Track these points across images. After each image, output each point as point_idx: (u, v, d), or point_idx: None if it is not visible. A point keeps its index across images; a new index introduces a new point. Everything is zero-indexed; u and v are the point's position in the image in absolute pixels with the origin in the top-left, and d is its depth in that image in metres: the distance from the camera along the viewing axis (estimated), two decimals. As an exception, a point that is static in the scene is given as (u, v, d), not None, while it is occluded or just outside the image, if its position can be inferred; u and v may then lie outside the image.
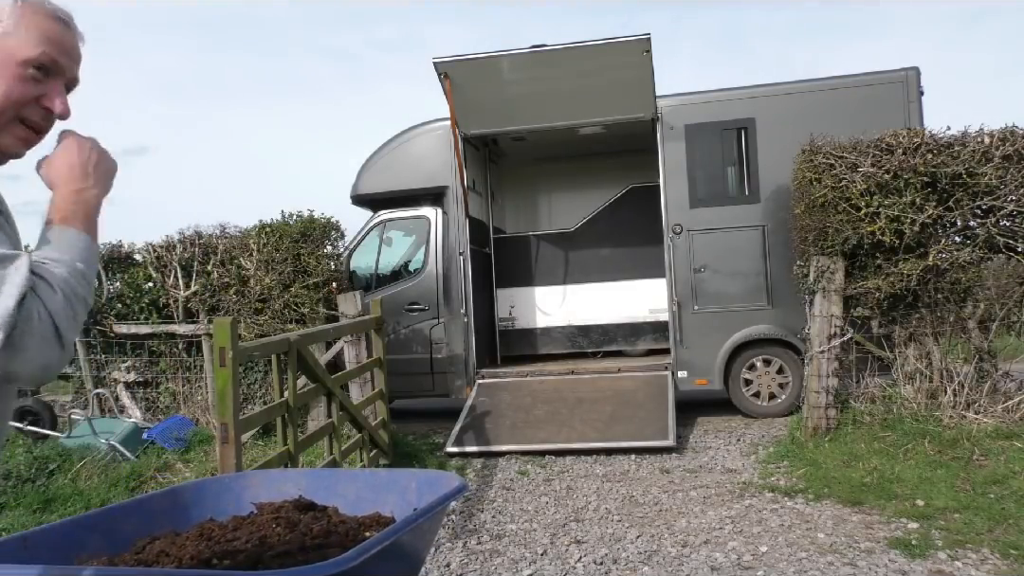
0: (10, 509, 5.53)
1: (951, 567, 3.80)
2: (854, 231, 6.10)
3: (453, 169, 8.09)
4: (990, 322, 6.20)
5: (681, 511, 4.98)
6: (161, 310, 7.86)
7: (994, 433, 5.53)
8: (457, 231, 8.21)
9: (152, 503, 2.32)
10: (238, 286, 7.55)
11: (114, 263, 8.11)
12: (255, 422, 4.96)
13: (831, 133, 6.47)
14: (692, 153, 7.65)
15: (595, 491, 5.55)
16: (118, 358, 7.87)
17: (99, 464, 6.36)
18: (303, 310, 7.42)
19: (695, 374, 7.58)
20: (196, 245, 7.81)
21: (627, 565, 4.11)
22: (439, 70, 7.30)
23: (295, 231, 7.63)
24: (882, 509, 4.68)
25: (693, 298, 7.62)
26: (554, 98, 7.69)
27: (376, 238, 8.63)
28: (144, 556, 1.97)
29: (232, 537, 2.05)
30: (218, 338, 3.98)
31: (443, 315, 8.24)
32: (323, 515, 2.27)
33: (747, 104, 7.57)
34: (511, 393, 7.68)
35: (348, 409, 5.59)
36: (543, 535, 4.67)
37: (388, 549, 1.76)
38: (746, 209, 7.57)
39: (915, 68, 7.26)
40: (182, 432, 7.00)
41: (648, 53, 6.97)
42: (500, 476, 6.12)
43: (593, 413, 7.03)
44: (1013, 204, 5.88)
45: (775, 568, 3.92)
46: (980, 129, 6.05)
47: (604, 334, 9.10)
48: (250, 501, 2.42)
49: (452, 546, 4.54)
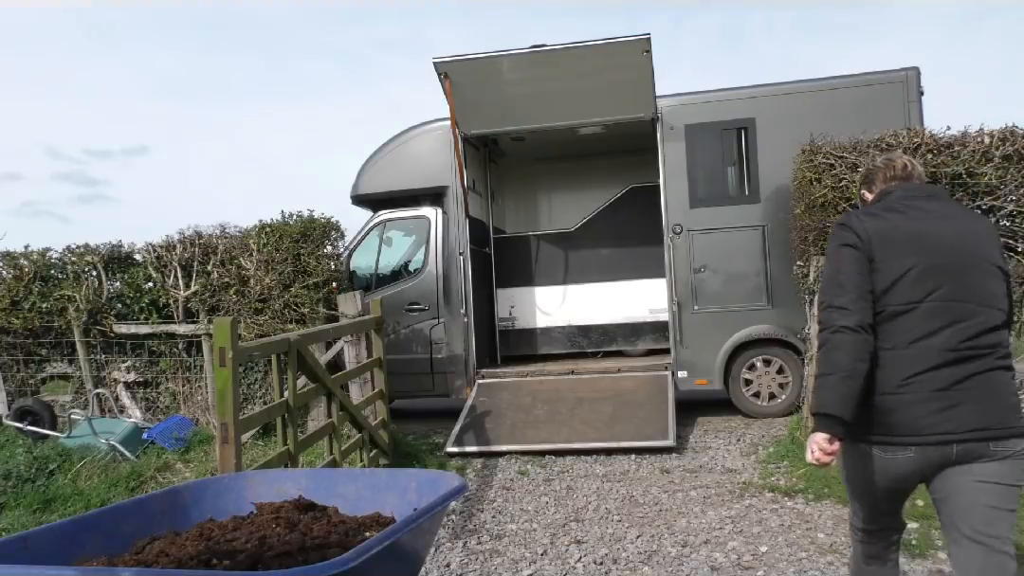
0: (10, 509, 5.53)
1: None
2: (854, 231, 6.08)
3: (453, 169, 8.09)
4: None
5: (681, 511, 4.98)
6: (161, 310, 7.85)
7: (994, 433, 5.53)
8: (457, 231, 8.21)
9: (152, 503, 2.32)
10: (238, 286, 7.55)
11: (114, 263, 8.10)
12: (255, 422, 4.96)
13: (831, 133, 6.47)
14: (692, 153, 7.65)
15: (595, 491, 5.55)
16: (118, 358, 7.86)
17: (99, 464, 6.36)
18: (303, 310, 7.42)
19: (695, 374, 7.57)
20: (196, 245, 7.81)
21: (627, 565, 4.11)
22: (439, 70, 7.30)
23: (295, 231, 7.63)
24: (882, 509, 4.68)
25: (693, 298, 7.62)
26: (554, 98, 7.69)
27: (376, 238, 8.63)
28: (144, 556, 1.97)
29: (232, 537, 2.05)
30: (218, 338, 3.98)
31: (443, 315, 8.24)
32: (323, 515, 2.27)
33: (747, 104, 7.56)
34: (511, 393, 7.68)
35: (348, 409, 5.59)
36: (543, 535, 4.67)
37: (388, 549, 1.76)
38: (746, 209, 7.57)
39: (915, 68, 7.26)
40: (182, 432, 7.00)
41: (648, 53, 6.97)
42: (500, 476, 6.12)
43: (593, 413, 7.03)
44: (1013, 204, 5.88)
45: (775, 568, 3.92)
46: (980, 129, 6.04)
47: (604, 334, 9.10)
48: (250, 501, 2.42)
49: (452, 546, 4.54)
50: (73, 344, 7.90)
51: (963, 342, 2.22)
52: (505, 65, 7.32)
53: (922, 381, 2.22)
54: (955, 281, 2.25)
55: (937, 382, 2.21)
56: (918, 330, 2.25)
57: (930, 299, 2.25)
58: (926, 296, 2.25)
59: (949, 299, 2.24)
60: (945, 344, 2.22)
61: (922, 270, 2.26)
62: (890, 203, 2.42)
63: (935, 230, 2.31)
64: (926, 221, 2.33)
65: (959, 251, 2.28)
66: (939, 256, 2.27)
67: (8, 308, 7.88)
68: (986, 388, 2.22)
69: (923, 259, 2.27)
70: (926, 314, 2.25)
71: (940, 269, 2.26)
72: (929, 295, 2.25)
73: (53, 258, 8.13)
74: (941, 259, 2.27)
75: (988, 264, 2.30)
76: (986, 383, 2.22)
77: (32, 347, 8.08)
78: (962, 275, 2.26)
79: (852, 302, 2.27)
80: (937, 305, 2.24)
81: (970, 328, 2.23)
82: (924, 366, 2.23)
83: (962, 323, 2.23)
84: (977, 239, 2.32)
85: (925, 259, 2.27)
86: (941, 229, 2.31)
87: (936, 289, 2.25)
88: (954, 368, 2.21)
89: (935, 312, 2.24)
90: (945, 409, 2.20)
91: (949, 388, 2.20)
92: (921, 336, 2.24)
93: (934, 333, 2.23)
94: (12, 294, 7.89)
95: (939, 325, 2.23)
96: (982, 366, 2.22)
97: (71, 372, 8.07)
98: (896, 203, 2.40)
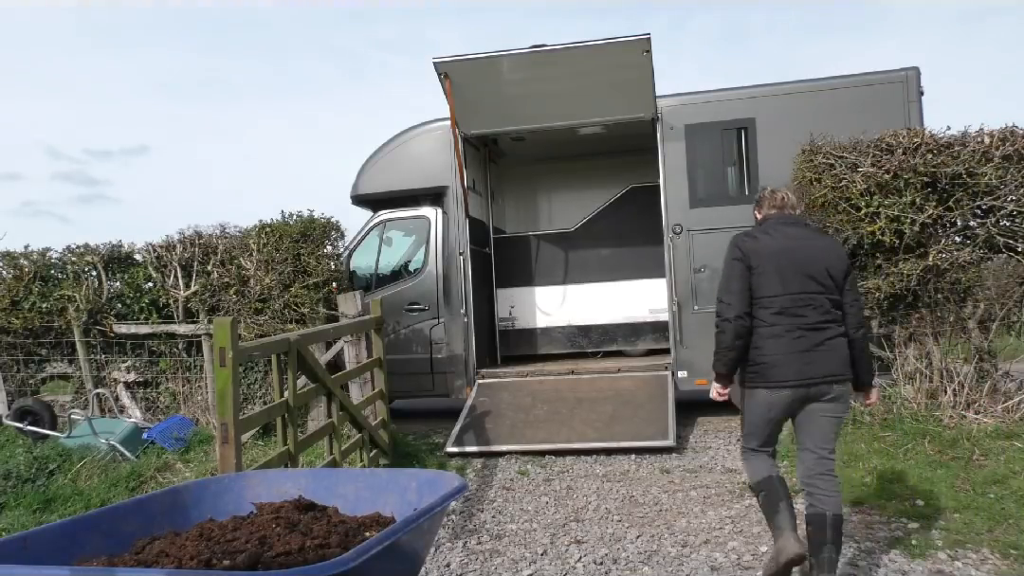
0: (10, 509, 5.53)
1: (951, 567, 3.80)
2: (854, 231, 6.10)
3: (453, 169, 8.09)
4: (990, 322, 6.20)
5: (681, 511, 4.98)
6: (161, 310, 7.86)
7: (994, 433, 5.53)
8: (457, 231, 8.21)
9: (152, 503, 2.32)
10: (238, 286, 7.55)
11: (114, 263, 8.11)
12: (255, 422, 4.95)
13: (831, 133, 6.47)
14: (692, 153, 7.65)
15: (595, 491, 5.55)
16: (118, 358, 7.87)
17: (99, 464, 6.36)
18: (303, 310, 7.42)
19: (695, 374, 7.57)
20: (196, 245, 7.81)
21: (627, 565, 4.11)
22: (439, 70, 7.29)
23: (295, 231, 7.63)
24: (882, 509, 4.68)
25: (693, 298, 7.62)
26: (554, 98, 7.69)
27: (376, 238, 8.63)
28: (144, 556, 1.97)
29: (232, 537, 2.05)
30: (218, 338, 3.98)
31: (443, 315, 8.24)
32: (323, 515, 2.27)
33: (747, 104, 7.56)
34: (511, 393, 7.68)
35: (348, 409, 5.59)
36: (543, 535, 4.67)
37: (388, 549, 1.76)
38: (746, 209, 7.49)
39: (915, 68, 7.26)
40: (182, 432, 7.00)
41: (648, 53, 6.96)
42: (500, 476, 6.12)
43: (593, 413, 7.03)
44: (1013, 204, 5.89)
45: (775, 568, 3.92)
46: (980, 129, 6.05)
47: (604, 334, 9.10)
48: (250, 501, 2.42)
49: (452, 546, 4.54)
50: (73, 344, 7.90)
51: (811, 320, 3.38)
52: (505, 65, 7.32)
53: (790, 347, 3.36)
54: (800, 280, 3.41)
55: (799, 346, 3.36)
56: (782, 313, 3.40)
57: (786, 292, 3.40)
58: (784, 291, 3.40)
59: (798, 291, 3.40)
60: (801, 323, 3.38)
61: (782, 275, 3.41)
62: (766, 227, 3.60)
63: (790, 247, 3.47)
64: (785, 241, 3.49)
65: (803, 261, 3.43)
66: (791, 264, 3.42)
67: (8, 308, 7.88)
68: (829, 349, 3.39)
69: (781, 266, 3.42)
70: (786, 301, 3.39)
71: (791, 272, 3.41)
72: (786, 289, 3.40)
73: (53, 258, 8.14)
74: (792, 266, 3.42)
75: (823, 268, 3.43)
76: (829, 346, 3.40)
77: (32, 347, 8.08)
78: (804, 276, 3.41)
79: (734, 298, 3.45)
80: (792, 296, 3.39)
81: (814, 311, 3.39)
82: (790, 337, 3.37)
83: (809, 307, 3.39)
84: (818, 252, 3.47)
85: (782, 266, 3.42)
86: (794, 246, 3.47)
87: (790, 285, 3.40)
88: (808, 336, 3.38)
89: (790, 301, 3.39)
90: (806, 365, 3.36)
91: (808, 351, 3.36)
92: (785, 316, 3.39)
93: (793, 315, 3.38)
94: (12, 294, 7.90)
95: (795, 310, 3.39)
96: (825, 335, 3.40)
97: (71, 372, 8.08)
98: (769, 228, 3.58)
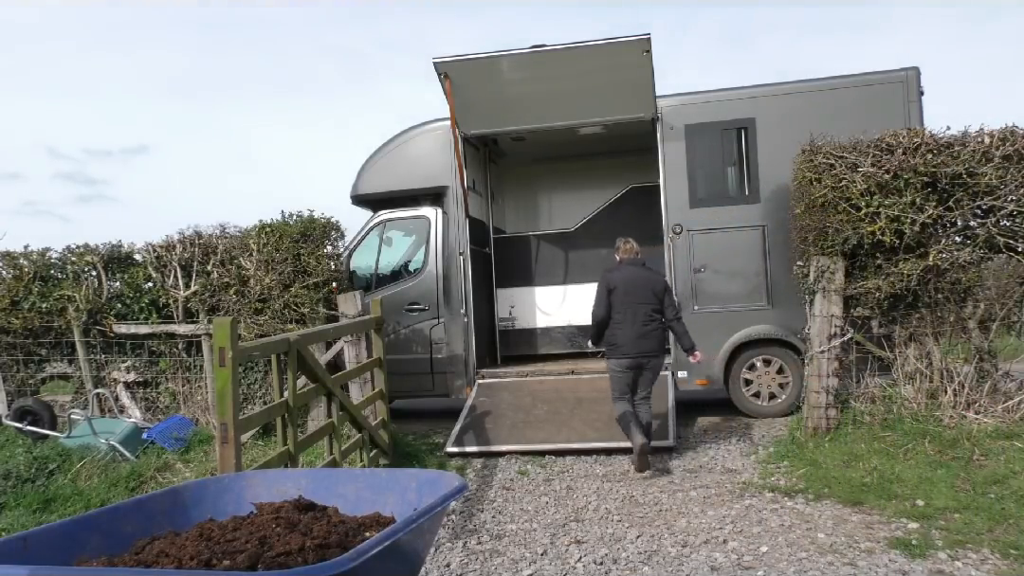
0: (10, 509, 5.53)
1: (951, 567, 3.80)
2: (854, 231, 6.10)
3: (453, 169, 8.09)
4: (990, 322, 6.20)
5: (681, 511, 4.98)
6: (161, 310, 7.85)
7: (994, 433, 5.53)
8: (457, 231, 8.21)
9: (152, 503, 2.32)
10: (238, 286, 7.55)
11: (114, 263, 8.11)
12: (255, 422, 4.95)
13: (831, 133, 6.47)
14: (692, 153, 7.66)
15: (595, 491, 5.55)
16: (118, 358, 7.87)
17: (99, 464, 6.36)
18: (303, 310, 7.42)
19: (695, 374, 7.58)
20: (196, 245, 7.81)
21: (627, 565, 4.11)
22: (439, 70, 7.29)
23: (295, 231, 7.63)
24: (882, 509, 4.69)
25: (693, 298, 7.63)
26: (554, 98, 7.69)
27: (376, 238, 8.63)
28: (144, 556, 1.97)
29: (232, 537, 2.05)
30: (218, 338, 3.98)
31: (443, 315, 8.24)
32: (323, 515, 2.27)
33: (747, 104, 7.57)
34: (511, 393, 7.68)
35: (348, 409, 5.59)
36: (543, 535, 4.67)
37: (388, 549, 1.76)
38: (746, 209, 7.57)
39: (915, 68, 7.26)
40: (182, 432, 7.00)
41: (648, 53, 6.96)
42: (500, 476, 6.12)
43: (593, 413, 7.03)
44: (1013, 204, 5.88)
45: (775, 568, 3.92)
46: (980, 129, 6.05)
47: (604, 334, 9.09)
48: (250, 501, 2.42)
49: (452, 546, 4.54)
50: (73, 344, 7.90)
51: (642, 320, 5.92)
52: (505, 65, 7.32)
53: (628, 335, 5.91)
54: (637, 298, 5.95)
55: (634, 334, 5.90)
56: (626, 316, 5.94)
57: (627, 305, 5.94)
58: (627, 305, 5.94)
59: (636, 303, 5.94)
60: (636, 320, 5.92)
61: (626, 295, 5.95)
62: (621, 267, 6.13)
63: (632, 278, 6.02)
64: (629, 273, 6.06)
65: (639, 287, 5.98)
66: (631, 289, 5.96)
67: (8, 308, 7.88)
68: (650, 337, 5.95)
69: (626, 290, 5.96)
70: (627, 310, 5.94)
71: (631, 294, 5.95)
72: (628, 303, 5.94)
73: (53, 258, 8.14)
74: (631, 290, 5.96)
75: (651, 292, 5.98)
76: (652, 335, 5.95)
77: (32, 347, 8.08)
78: (639, 296, 5.95)
79: (600, 309, 6.03)
80: (632, 307, 5.93)
81: (644, 316, 5.93)
82: (630, 329, 5.91)
83: (640, 314, 5.93)
84: (647, 281, 6.03)
85: (627, 290, 5.96)
86: (634, 277, 6.02)
87: (630, 301, 5.94)
88: (640, 330, 5.92)
89: (631, 310, 5.93)
90: (639, 346, 5.92)
91: (639, 337, 5.91)
92: (628, 318, 5.93)
93: (632, 318, 5.93)
94: (12, 294, 7.90)
95: (633, 314, 5.93)
96: (651, 329, 5.95)
97: (71, 372, 8.08)
98: (622, 267, 6.12)
